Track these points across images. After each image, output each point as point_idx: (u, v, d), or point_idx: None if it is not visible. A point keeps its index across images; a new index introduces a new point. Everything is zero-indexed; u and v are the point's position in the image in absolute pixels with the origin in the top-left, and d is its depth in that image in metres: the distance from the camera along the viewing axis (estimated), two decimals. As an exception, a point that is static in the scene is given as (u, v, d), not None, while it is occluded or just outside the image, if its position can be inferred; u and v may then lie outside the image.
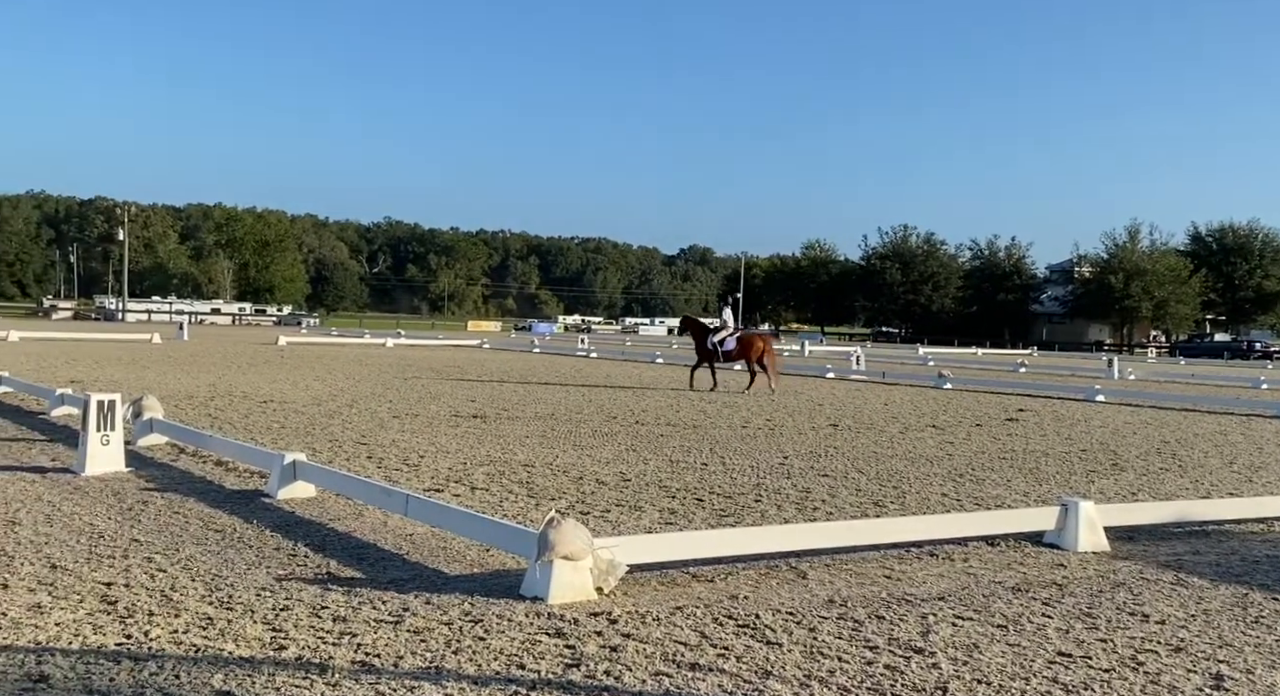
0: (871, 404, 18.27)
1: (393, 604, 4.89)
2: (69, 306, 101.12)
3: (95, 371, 20.10)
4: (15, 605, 4.63)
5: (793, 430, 13.35)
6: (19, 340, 33.69)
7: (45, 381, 15.07)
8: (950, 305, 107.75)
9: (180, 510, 6.95)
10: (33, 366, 20.31)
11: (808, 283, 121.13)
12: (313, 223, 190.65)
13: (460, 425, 12.63)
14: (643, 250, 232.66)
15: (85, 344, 34.24)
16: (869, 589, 5.51)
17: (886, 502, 8.15)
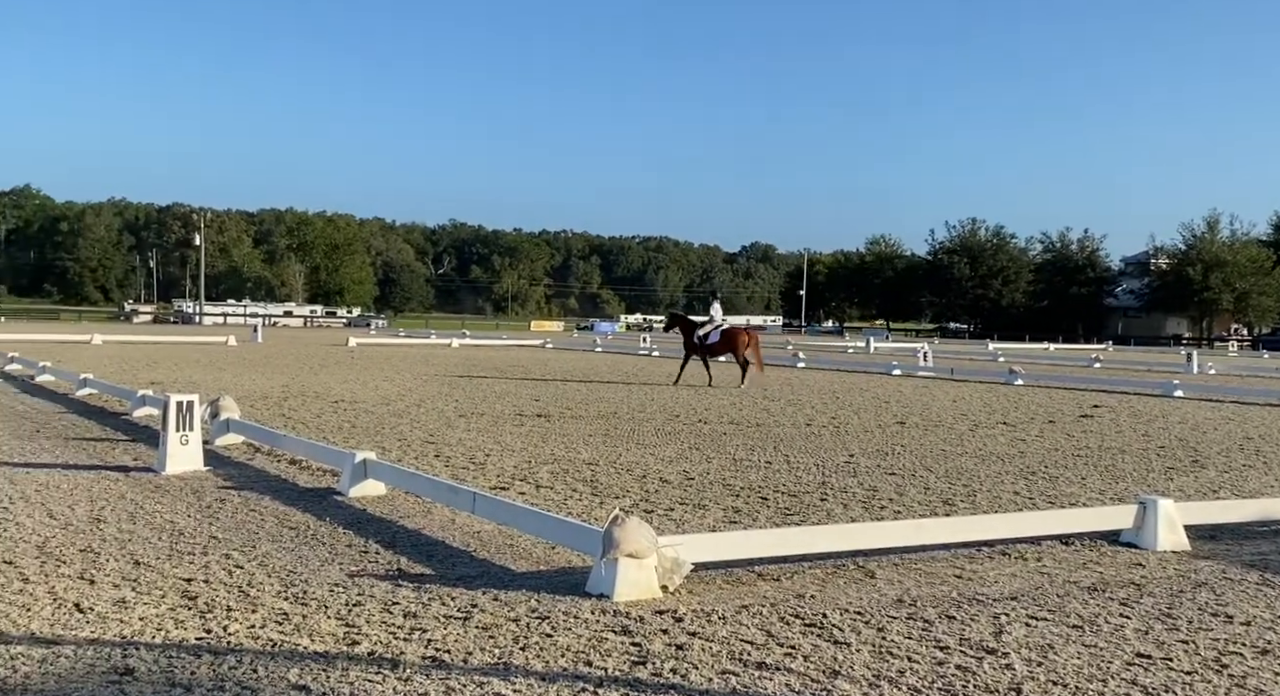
0: (939, 401, 17.96)
1: (461, 600, 4.96)
2: (149, 310, 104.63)
3: (174, 373, 20.76)
4: (101, 600, 4.80)
5: (858, 428, 13.20)
6: (102, 343, 34.94)
7: (127, 383, 15.59)
8: (1021, 299, 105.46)
9: (256, 508, 7.14)
10: (115, 369, 21.05)
11: (872, 278, 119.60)
12: (380, 226, 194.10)
13: (525, 424, 12.75)
14: (704, 248, 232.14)
15: (164, 346, 35.37)
16: (939, 588, 5.42)
17: (956, 501, 8.01)
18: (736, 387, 19.47)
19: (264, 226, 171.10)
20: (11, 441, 10.21)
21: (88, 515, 6.72)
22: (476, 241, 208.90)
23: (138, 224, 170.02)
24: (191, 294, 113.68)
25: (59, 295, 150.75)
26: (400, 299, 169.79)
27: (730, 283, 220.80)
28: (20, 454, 9.37)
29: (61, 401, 14.50)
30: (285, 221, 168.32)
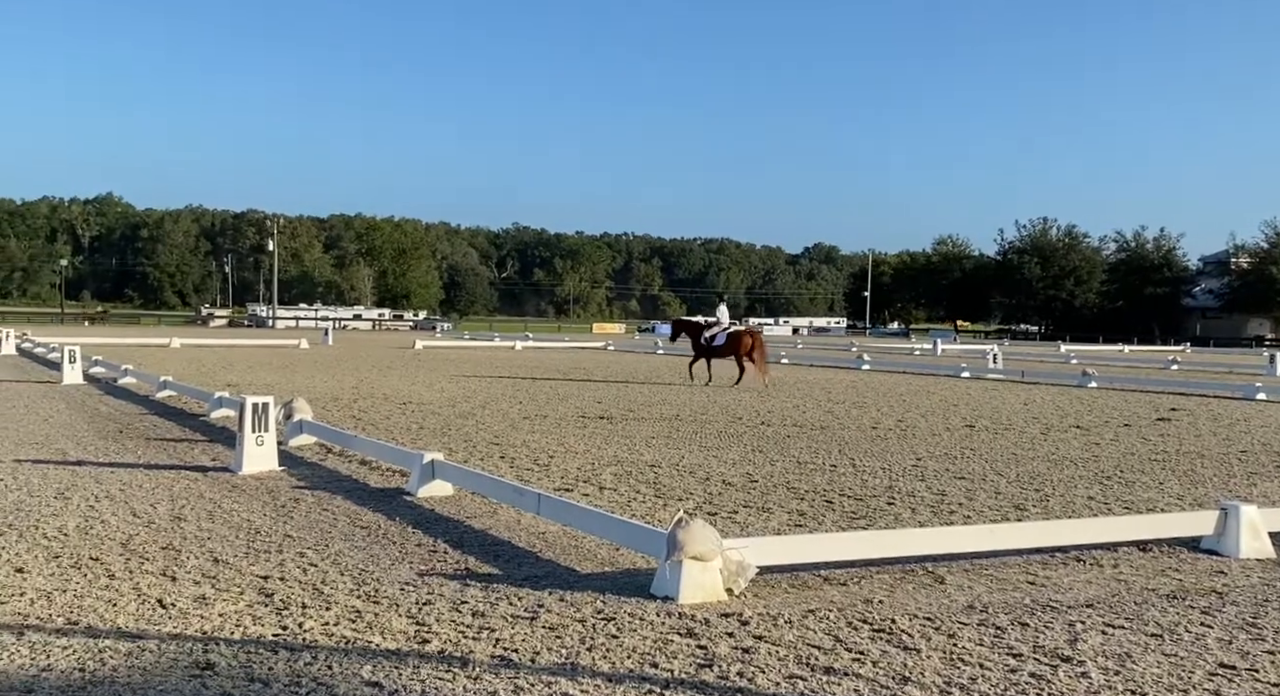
0: (1010, 404, 17.60)
1: (528, 600, 5.01)
2: (224, 314, 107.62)
3: (249, 375, 21.33)
4: (183, 596, 4.96)
5: (926, 431, 13.00)
6: (180, 347, 36.07)
7: (204, 385, 16.07)
8: (1094, 300, 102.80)
9: (329, 507, 7.30)
10: (192, 371, 21.70)
11: (939, 279, 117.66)
12: (445, 230, 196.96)
13: (588, 426, 12.82)
14: (766, 249, 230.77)
15: (239, 349, 36.37)
16: (1011, 594, 5.32)
17: (1028, 506, 7.85)
18: (733, 386, 20.17)
19: (334, 232, 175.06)
20: (97, 441, 10.60)
21: (169, 513, 6.94)
22: (539, 245, 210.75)
23: (214, 230, 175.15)
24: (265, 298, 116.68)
25: (139, 300, 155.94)
26: (465, 302, 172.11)
27: (793, 284, 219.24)
28: (105, 454, 9.72)
29: (143, 403, 15.00)
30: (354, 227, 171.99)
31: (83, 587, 5.06)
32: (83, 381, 18.42)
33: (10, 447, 9.93)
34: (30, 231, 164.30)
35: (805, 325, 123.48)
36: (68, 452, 9.72)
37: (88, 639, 4.27)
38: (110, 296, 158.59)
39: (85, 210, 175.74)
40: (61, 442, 10.42)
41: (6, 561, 5.52)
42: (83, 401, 15.05)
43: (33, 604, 4.76)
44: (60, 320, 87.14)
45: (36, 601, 4.80)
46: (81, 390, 17.04)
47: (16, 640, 4.23)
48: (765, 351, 21.07)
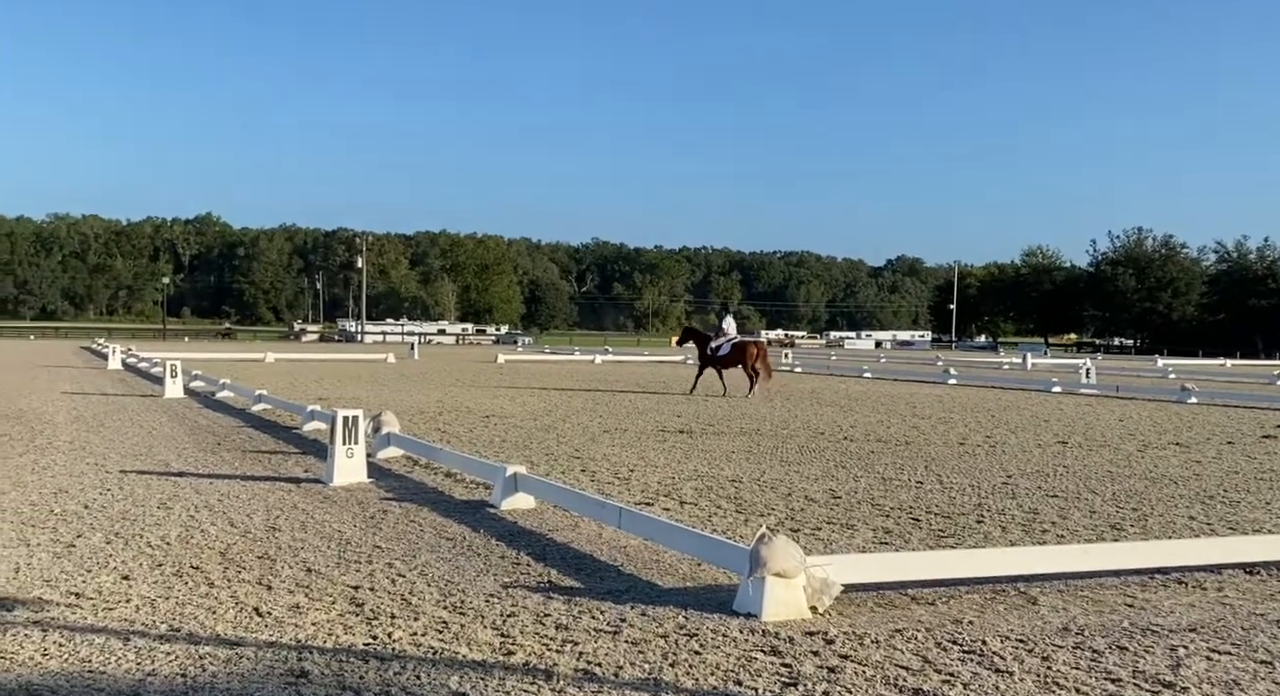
0: (1104, 419, 17.02)
1: (610, 614, 5.03)
2: (315, 329, 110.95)
3: (339, 389, 21.93)
4: (278, 605, 5.11)
5: (1016, 447, 12.65)
6: (274, 361, 37.28)
7: (297, 399, 16.57)
8: (1193, 313, 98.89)
9: (416, 519, 7.45)
10: (286, 385, 22.40)
11: (1028, 291, 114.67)
12: (527, 246, 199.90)
13: (667, 440, 12.83)
14: (847, 262, 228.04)
15: (329, 363, 37.42)
16: (1108, 617, 5.13)
17: (1125, 526, 7.57)
18: (745, 396, 20.56)
19: (420, 248, 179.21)
20: (197, 453, 11.02)
21: (264, 524, 7.17)
22: (618, 259, 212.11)
23: (306, 248, 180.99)
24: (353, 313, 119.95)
25: (236, 316, 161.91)
26: (545, 316, 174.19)
27: (875, 297, 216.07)
28: (204, 465, 10.10)
29: (239, 416, 15.54)
30: (439, 243, 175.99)
31: (184, 595, 5.25)
32: (183, 395, 19.17)
33: (117, 459, 10.39)
34: (135, 251, 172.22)
35: (888, 338, 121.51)
36: (170, 464, 10.13)
37: (189, 645, 4.43)
38: (208, 313, 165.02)
39: (186, 230, 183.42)
40: (164, 454, 10.86)
41: (114, 569, 5.77)
42: (183, 414, 15.67)
43: (138, 610, 4.96)
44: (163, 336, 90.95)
45: (141, 608, 5.00)
46: (182, 403, 17.74)
47: (123, 645, 4.41)
48: (769, 361, 21.77)
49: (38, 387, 21.07)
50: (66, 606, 4.99)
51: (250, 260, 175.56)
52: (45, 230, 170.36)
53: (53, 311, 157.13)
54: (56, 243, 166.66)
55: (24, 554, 6.08)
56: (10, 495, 8.09)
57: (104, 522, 7.06)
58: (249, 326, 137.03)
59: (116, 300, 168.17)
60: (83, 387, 21.55)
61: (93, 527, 6.88)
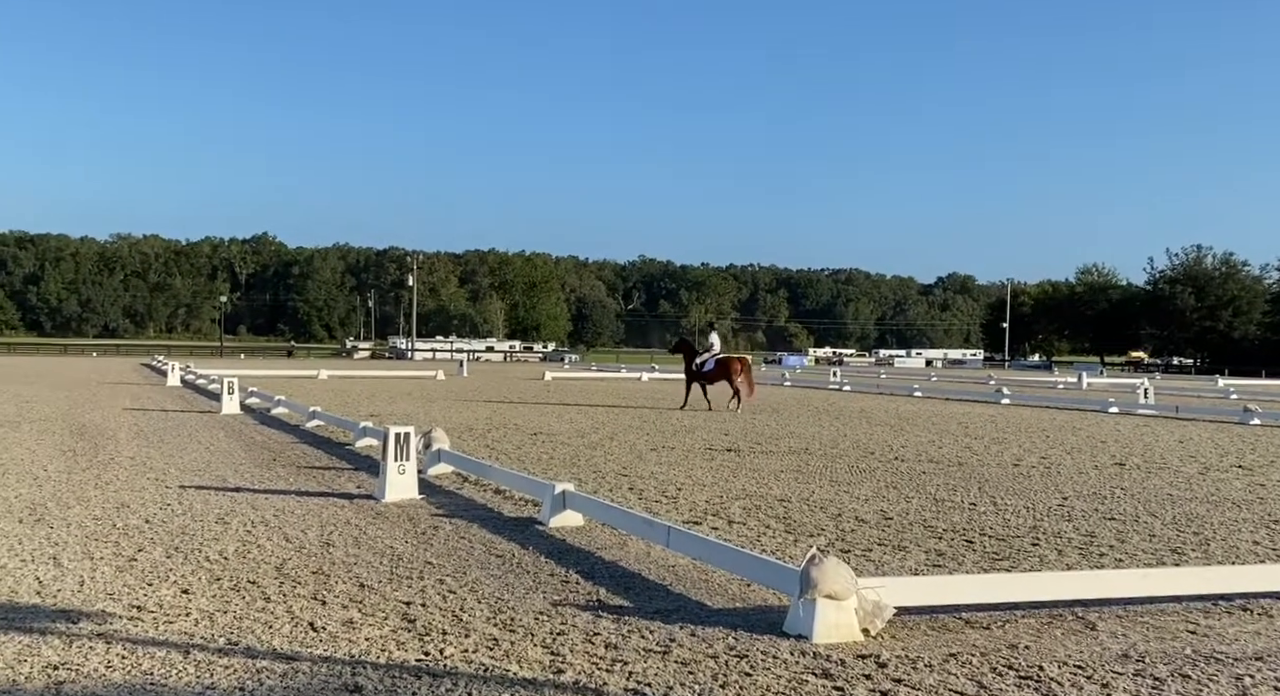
0: (1163, 441, 16.62)
1: (660, 634, 5.02)
2: (367, 347, 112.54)
3: (390, 406, 22.21)
4: (332, 620, 5.18)
5: (1072, 469, 12.41)
6: (327, 378, 37.88)
7: (349, 415, 16.82)
8: (1255, 332, 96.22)
9: (466, 535, 7.51)
10: (338, 402, 22.75)
11: (1084, 310, 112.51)
12: (574, 263, 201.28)
13: (715, 458, 12.79)
14: (897, 279, 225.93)
15: (381, 380, 37.91)
16: (1170, 644, 5.00)
17: (1186, 550, 7.37)
18: (731, 412, 21.19)
19: (469, 267, 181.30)
20: (253, 469, 11.23)
21: (318, 539, 7.28)
22: (665, 276, 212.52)
23: (358, 267, 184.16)
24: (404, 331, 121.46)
25: (290, 333, 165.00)
26: (592, 334, 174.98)
27: (925, 315, 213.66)
28: (260, 481, 10.29)
29: (294, 432, 15.81)
30: (488, 262, 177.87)
31: (241, 609, 5.35)
32: (239, 411, 19.56)
33: (176, 474, 10.63)
34: (194, 270, 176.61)
35: (939, 357, 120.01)
36: (227, 479, 10.33)
37: (246, 658, 4.51)
38: (264, 331, 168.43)
39: (243, 249, 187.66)
40: (221, 470, 11.09)
41: (174, 583, 5.90)
42: (239, 430, 15.98)
43: (197, 624, 5.07)
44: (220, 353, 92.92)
45: (201, 621, 5.11)
46: (238, 419, 18.10)
47: (183, 658, 4.50)
48: (752, 376, 22.50)
49: (100, 403, 21.65)
50: (129, 619, 5.11)
51: (305, 279, 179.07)
52: (109, 250, 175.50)
53: (115, 329, 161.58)
54: (119, 262, 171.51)
55: (88, 567, 6.24)
56: (75, 509, 8.32)
57: (164, 537, 7.22)
58: (303, 343, 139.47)
59: (175, 318, 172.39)
60: (143, 404, 22.09)
61: (153, 542, 7.04)
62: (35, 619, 5.06)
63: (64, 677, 4.21)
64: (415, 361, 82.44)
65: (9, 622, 4.97)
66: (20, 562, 6.32)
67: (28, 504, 8.51)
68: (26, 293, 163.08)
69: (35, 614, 5.17)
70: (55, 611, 5.23)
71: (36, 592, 5.61)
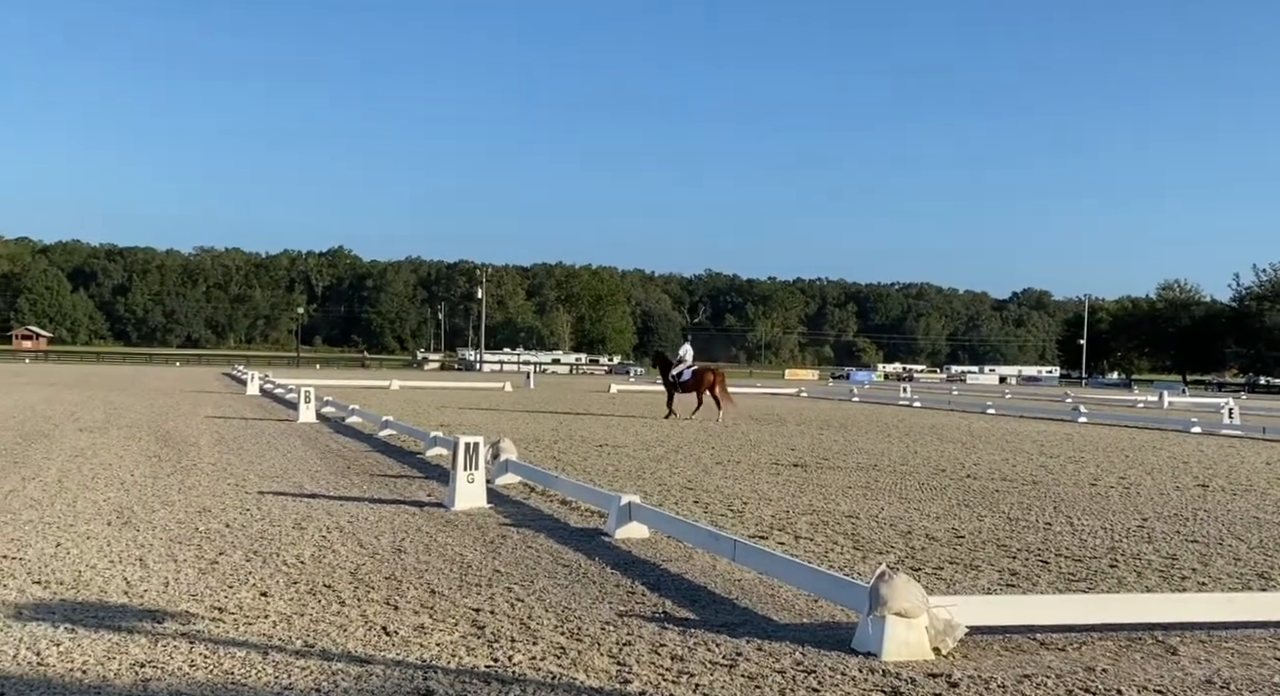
0: (1249, 462, 16.01)
1: (726, 647, 5.01)
2: (437, 358, 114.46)
3: (459, 416, 22.54)
4: (404, 625, 5.29)
5: (1152, 489, 12.03)
6: (399, 388, 38.59)
7: (420, 425, 17.12)
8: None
9: (533, 545, 7.59)
10: (409, 411, 23.16)
11: (1165, 327, 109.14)
12: (640, 277, 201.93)
13: (781, 473, 12.70)
14: (969, 295, 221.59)
15: (450, 391, 38.50)
16: (1257, 671, 4.82)
17: (1274, 575, 7.10)
18: (715, 421, 21.93)
19: (536, 280, 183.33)
20: (328, 476, 11.50)
21: (391, 545, 7.43)
22: (731, 290, 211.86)
23: (429, 279, 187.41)
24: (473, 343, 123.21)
25: (364, 344, 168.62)
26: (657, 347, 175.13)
27: (999, 331, 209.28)
28: (336, 488, 10.53)
29: (367, 440, 16.15)
30: (555, 275, 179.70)
31: (317, 612, 5.49)
32: (315, 420, 20.04)
33: (255, 480, 10.95)
34: (272, 282, 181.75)
35: (1014, 374, 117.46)
36: (303, 486, 10.60)
37: (322, 661, 4.63)
38: (338, 342, 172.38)
39: (319, 262, 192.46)
40: (298, 477, 11.38)
41: (253, 585, 6.08)
42: (315, 438, 16.38)
43: (275, 625, 5.21)
44: (296, 363, 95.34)
45: (279, 623, 5.26)
46: (314, 428, 18.55)
47: (262, 659, 4.64)
48: (727, 387, 23.49)
49: (183, 411, 22.39)
50: (211, 620, 5.28)
51: (378, 291, 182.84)
52: (192, 263, 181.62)
53: (197, 339, 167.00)
54: (202, 275, 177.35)
55: (172, 569, 6.47)
56: (160, 513, 8.62)
57: (244, 541, 7.44)
58: (375, 354, 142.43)
59: (255, 329, 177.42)
60: (224, 412, 22.78)
61: (234, 546, 7.26)
62: (123, 618, 5.26)
63: (150, 675, 4.37)
64: (483, 373, 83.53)
65: (99, 621, 5.18)
66: (109, 563, 6.57)
67: (116, 507, 8.85)
68: (115, 303, 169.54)
69: (123, 613, 5.38)
70: (142, 611, 5.43)
71: (124, 592, 5.83)
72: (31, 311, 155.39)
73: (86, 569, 6.39)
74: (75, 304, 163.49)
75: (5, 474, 10.82)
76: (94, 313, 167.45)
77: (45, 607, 5.43)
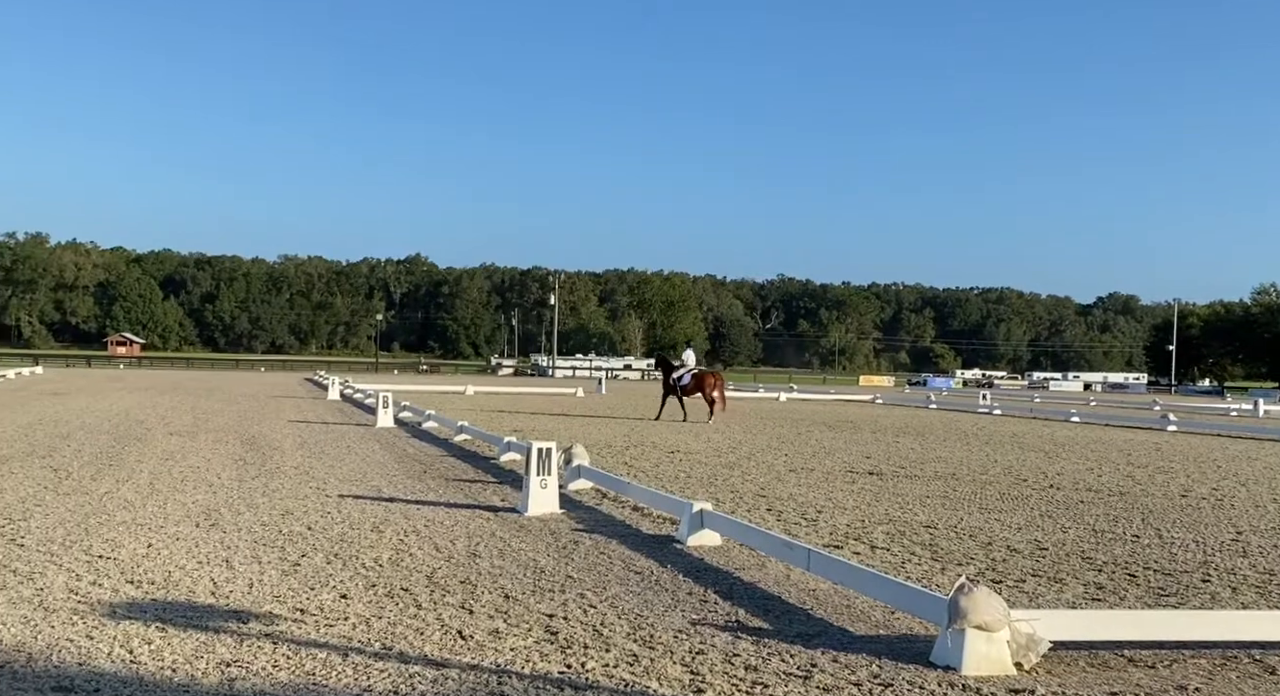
0: (1354, 473, 15.24)
1: (800, 658, 4.95)
2: (510, 364, 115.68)
3: (532, 421, 22.76)
4: (479, 629, 5.35)
5: (1247, 502, 11.54)
6: (473, 394, 39.15)
7: (494, 430, 17.32)
8: None
9: (605, 551, 7.61)
10: (483, 416, 23.46)
11: (1260, 333, 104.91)
12: (712, 282, 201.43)
13: (856, 481, 12.52)
14: (1052, 299, 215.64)
15: (523, 397, 38.90)
16: (1364, 698, 4.58)
17: (1383, 595, 6.74)
18: (706, 422, 22.74)
19: (608, 286, 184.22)
20: (405, 480, 11.72)
21: (466, 550, 7.53)
22: (804, 295, 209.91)
23: (503, 286, 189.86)
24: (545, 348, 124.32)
25: (439, 350, 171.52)
26: (729, 353, 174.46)
27: (1083, 337, 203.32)
28: (412, 492, 10.72)
29: (443, 445, 16.41)
30: (627, 280, 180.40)
31: (395, 615, 5.59)
32: (393, 425, 20.44)
33: (335, 484, 11.20)
34: (353, 289, 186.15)
35: (1099, 381, 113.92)
36: (381, 489, 10.82)
37: (400, 663, 4.71)
38: (415, 348, 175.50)
39: (397, 269, 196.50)
40: (376, 480, 11.61)
41: (333, 588, 6.22)
42: (393, 443, 16.70)
43: (355, 628, 5.32)
44: (375, 369, 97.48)
45: (358, 625, 5.36)
46: (392, 433, 18.92)
47: (342, 661, 4.74)
48: (724, 390, 24.74)
49: (267, 416, 23.05)
50: (293, 621, 5.42)
51: (453, 297, 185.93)
52: (276, 271, 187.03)
53: (280, 345, 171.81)
54: (285, 282, 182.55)
55: (256, 570, 6.65)
56: (245, 515, 8.88)
57: (324, 544, 7.62)
58: (450, 360, 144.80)
59: (335, 335, 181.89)
60: (306, 416, 23.39)
61: (315, 548, 7.44)
62: (210, 618, 5.43)
63: (235, 675, 4.49)
64: (555, 378, 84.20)
65: (188, 620, 5.35)
66: (197, 564, 6.79)
67: (204, 509, 9.14)
68: (203, 310, 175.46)
69: (210, 613, 5.55)
70: (228, 611, 5.60)
71: (211, 593, 6.02)
72: (126, 318, 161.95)
73: (176, 569, 6.61)
74: (166, 311, 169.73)
75: (102, 476, 11.27)
76: (184, 319, 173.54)
77: (138, 606, 5.64)
